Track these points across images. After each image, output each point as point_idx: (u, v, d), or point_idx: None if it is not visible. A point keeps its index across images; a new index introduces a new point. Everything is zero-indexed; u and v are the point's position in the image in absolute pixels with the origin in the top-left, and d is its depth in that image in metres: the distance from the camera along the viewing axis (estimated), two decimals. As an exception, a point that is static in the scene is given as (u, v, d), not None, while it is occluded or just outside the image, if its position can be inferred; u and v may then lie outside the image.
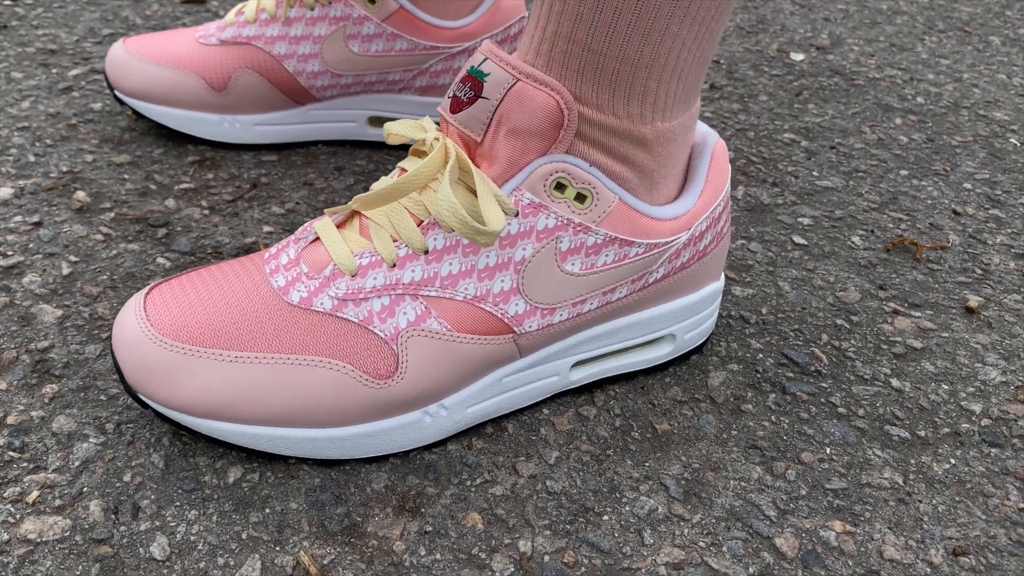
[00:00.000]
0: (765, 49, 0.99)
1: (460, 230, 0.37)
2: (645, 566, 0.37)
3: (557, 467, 0.41)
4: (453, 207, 0.36)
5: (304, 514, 0.38)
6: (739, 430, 0.45)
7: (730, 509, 0.40)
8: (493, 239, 0.37)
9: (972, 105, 0.89)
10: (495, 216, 0.37)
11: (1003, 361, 0.52)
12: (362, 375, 0.38)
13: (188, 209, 0.59)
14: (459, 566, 0.36)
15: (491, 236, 0.36)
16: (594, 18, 0.37)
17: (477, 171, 0.38)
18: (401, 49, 0.64)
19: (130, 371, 0.38)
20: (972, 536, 0.40)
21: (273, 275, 0.40)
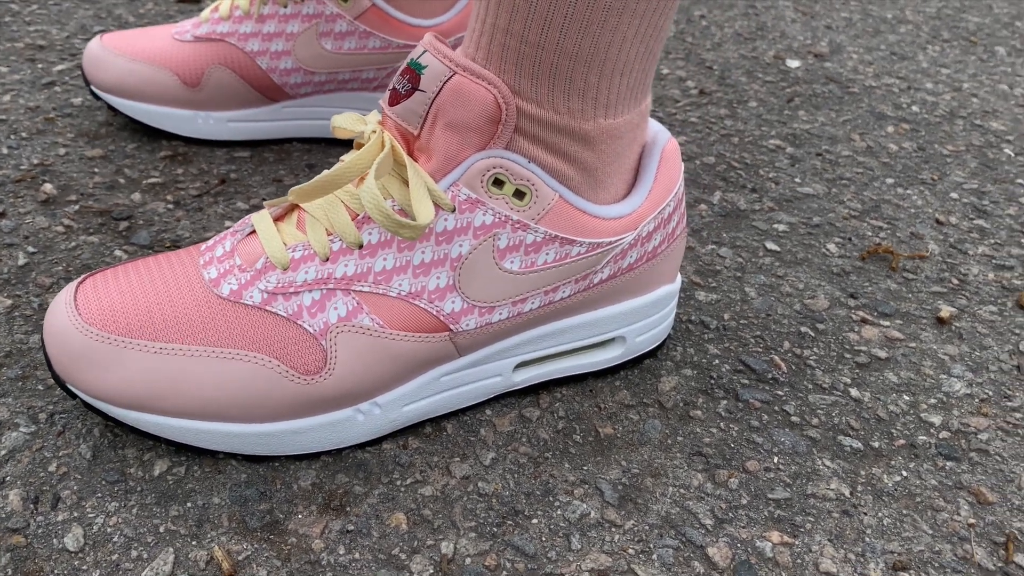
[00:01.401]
0: (761, 56, 0.98)
1: (383, 223, 0.36)
2: (569, 571, 0.36)
3: (492, 469, 0.41)
4: (375, 199, 0.36)
5: (226, 509, 0.37)
6: (685, 436, 0.44)
7: (665, 516, 0.39)
8: (418, 233, 0.36)
9: (969, 115, 0.87)
10: (425, 210, 0.36)
11: (970, 373, 0.50)
12: (288, 370, 0.38)
13: (153, 203, 0.59)
14: (377, 566, 0.35)
15: (415, 230, 0.36)
16: (530, 10, 0.36)
17: (412, 164, 0.38)
18: (374, 47, 0.64)
19: (57, 360, 0.38)
20: (915, 551, 0.39)
21: (206, 267, 0.40)
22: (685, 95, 0.86)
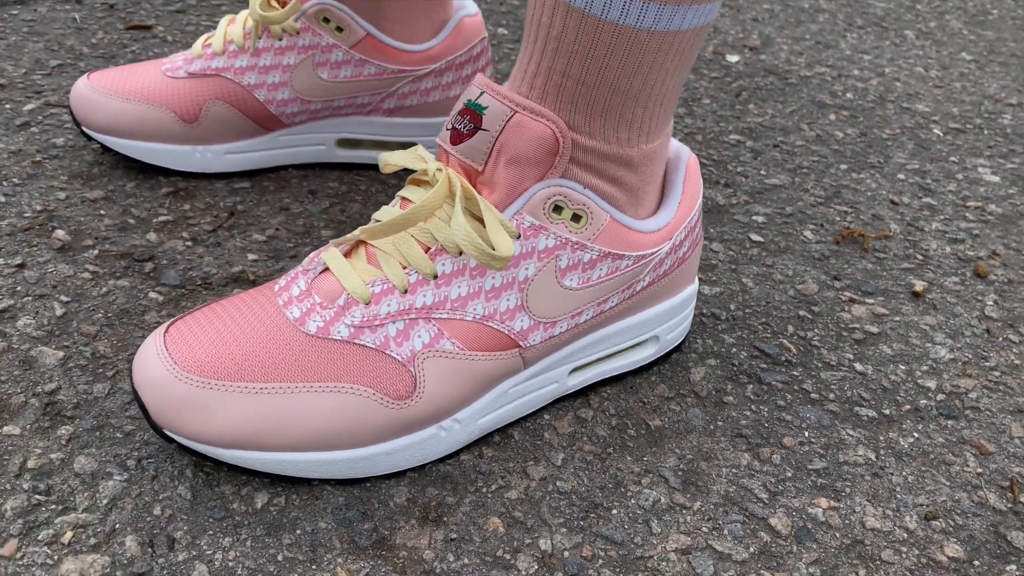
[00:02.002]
0: (702, 52, 1.04)
1: (477, 256, 0.39)
2: (656, 554, 0.40)
3: (564, 468, 0.44)
4: (469, 236, 0.39)
5: (334, 532, 0.40)
6: (724, 420, 0.48)
7: (725, 495, 0.44)
8: (505, 263, 0.39)
9: (896, 99, 0.95)
10: (505, 242, 0.39)
11: (949, 340, 0.57)
12: (383, 397, 0.41)
13: (171, 241, 0.60)
14: (487, 568, 0.39)
15: (503, 260, 0.39)
16: (588, 55, 0.40)
17: (483, 200, 0.41)
18: (370, 74, 0.66)
19: (156, 409, 0.40)
20: (939, 502, 0.44)
21: (287, 307, 0.42)
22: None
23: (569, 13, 0.39)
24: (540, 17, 0.41)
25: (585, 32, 0.39)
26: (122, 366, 0.49)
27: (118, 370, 0.48)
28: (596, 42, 0.39)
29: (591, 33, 0.39)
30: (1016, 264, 0.66)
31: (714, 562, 0.40)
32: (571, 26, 0.39)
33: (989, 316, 0.60)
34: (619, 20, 0.39)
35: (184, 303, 0.54)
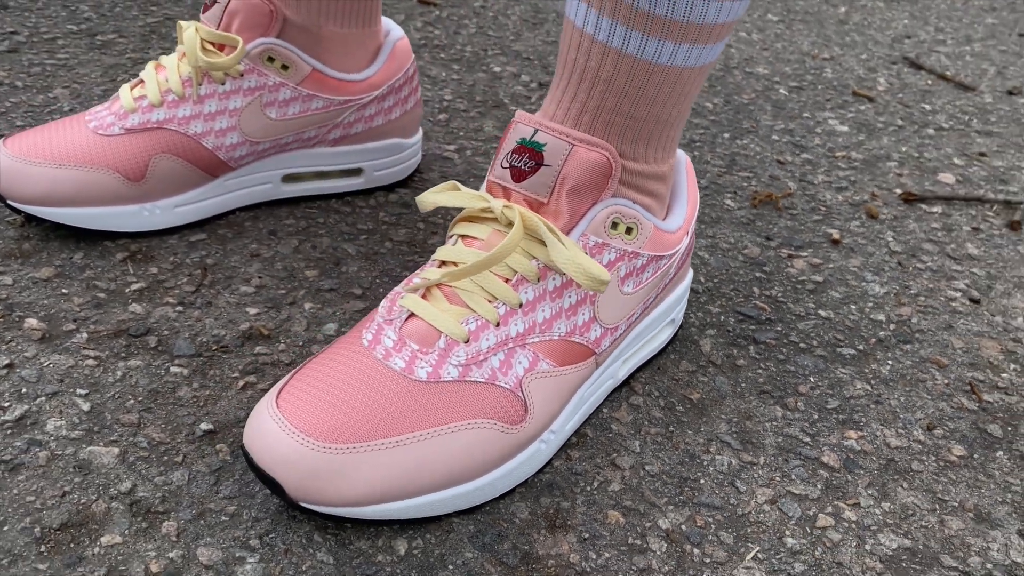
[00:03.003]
0: (557, 36, 1.10)
1: (587, 283, 0.43)
2: (752, 509, 0.46)
3: (643, 453, 0.49)
4: (580, 266, 0.42)
5: (482, 559, 0.43)
6: (745, 382, 0.55)
7: (778, 446, 0.51)
8: (607, 285, 0.43)
9: (739, 65, 1.07)
10: (598, 267, 0.43)
11: (876, 276, 0.68)
12: (502, 425, 0.43)
13: (158, 310, 0.57)
14: (627, 556, 0.43)
15: (607, 283, 0.43)
16: (638, 94, 0.44)
17: (564, 237, 0.44)
18: (317, 108, 0.66)
19: (295, 484, 0.40)
20: (930, 413, 0.54)
21: (388, 359, 0.43)
22: (528, 89, 0.95)
23: (621, 59, 0.43)
24: (587, 62, 0.44)
25: (636, 74, 0.44)
26: (186, 449, 0.47)
27: (185, 454, 0.47)
28: (646, 83, 0.44)
29: (642, 75, 0.44)
30: (892, 201, 0.79)
31: (797, 504, 0.47)
32: (623, 69, 0.44)
33: (895, 251, 0.71)
34: (668, 63, 0.43)
35: (211, 371, 0.53)
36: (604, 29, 0.43)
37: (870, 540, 0.45)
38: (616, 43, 0.43)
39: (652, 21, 0.42)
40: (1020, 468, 0.51)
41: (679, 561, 0.43)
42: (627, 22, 0.43)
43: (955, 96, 1.04)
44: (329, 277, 0.62)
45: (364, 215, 0.70)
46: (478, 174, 0.77)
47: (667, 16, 0.42)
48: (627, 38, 0.43)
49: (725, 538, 0.45)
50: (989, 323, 0.63)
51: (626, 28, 0.43)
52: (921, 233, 0.74)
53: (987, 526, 0.47)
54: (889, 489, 0.48)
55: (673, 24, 0.42)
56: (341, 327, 0.57)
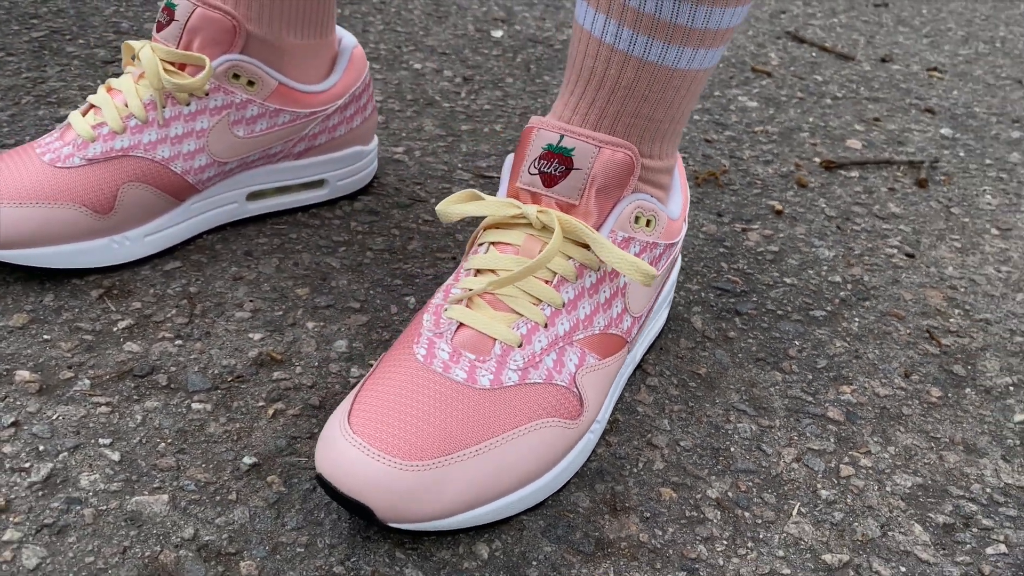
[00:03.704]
0: (470, 32, 1.11)
1: (641, 279, 0.45)
2: (782, 469, 0.51)
3: (674, 430, 0.53)
4: (633, 264, 0.44)
5: (562, 551, 0.44)
6: (741, 352, 0.60)
7: (787, 407, 0.55)
8: (655, 278, 0.45)
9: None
10: (645, 263, 0.45)
11: (822, 241, 0.74)
12: (566, 422, 0.45)
13: (156, 346, 0.55)
14: (690, 527, 0.46)
15: (655, 276, 0.45)
16: (658, 98, 0.46)
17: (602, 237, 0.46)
18: (284, 122, 0.64)
19: (386, 507, 0.40)
20: (903, 360, 0.60)
21: (448, 372, 0.44)
22: (455, 85, 0.96)
23: (643, 66, 0.46)
24: (607, 70, 0.46)
25: (657, 80, 0.46)
26: (236, 486, 0.46)
27: (236, 491, 0.46)
28: (666, 87, 0.46)
29: (663, 80, 0.46)
30: (815, 170, 0.85)
31: (818, 459, 0.52)
32: (644, 76, 0.46)
33: (831, 216, 0.78)
34: (686, 67, 0.46)
35: (235, 403, 0.51)
36: (625, 39, 0.45)
37: (888, 482, 0.50)
38: (638, 52, 0.45)
39: (673, 30, 0.45)
40: (988, 401, 0.57)
41: (735, 526, 0.47)
42: (649, 32, 0.45)
43: (839, 66, 1.13)
44: (321, 293, 0.61)
45: (335, 226, 0.69)
46: (433, 175, 0.77)
47: (688, 24, 0.45)
48: (648, 47, 0.45)
49: (768, 499, 0.48)
50: (927, 274, 0.70)
51: (647, 38, 0.45)
52: (848, 197, 0.81)
53: (976, 456, 0.53)
54: (890, 434, 0.54)
55: (692, 32, 0.45)
56: (352, 343, 0.57)
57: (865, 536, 0.47)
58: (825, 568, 0.45)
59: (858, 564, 0.45)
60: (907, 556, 0.46)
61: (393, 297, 0.62)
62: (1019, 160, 0.91)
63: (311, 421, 0.51)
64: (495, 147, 0.83)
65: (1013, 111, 1.04)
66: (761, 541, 0.46)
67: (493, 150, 0.83)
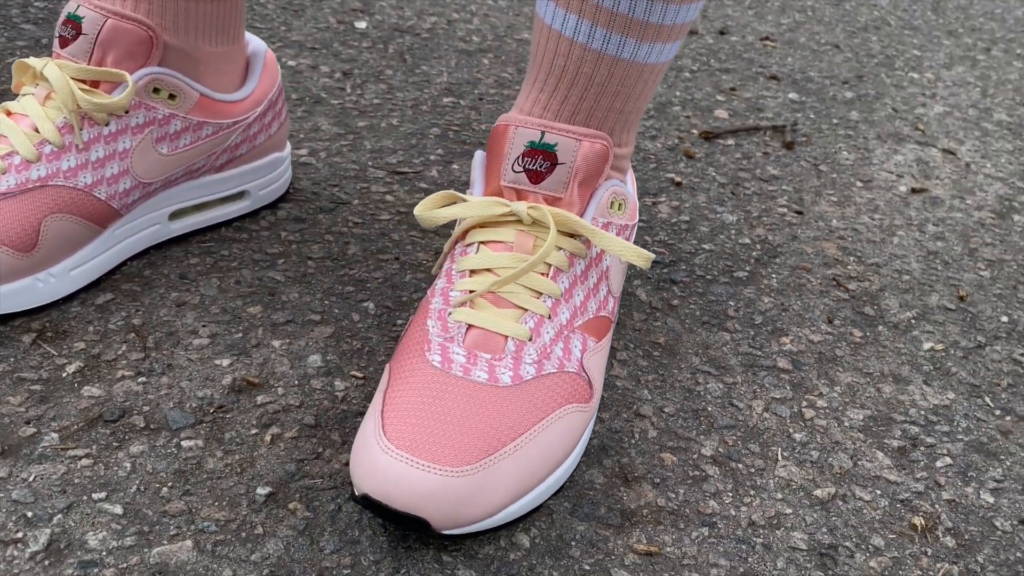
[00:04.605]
0: (330, 25, 1.08)
1: (643, 263, 0.47)
2: (755, 420, 0.55)
3: (654, 398, 0.56)
4: (636, 251, 0.47)
5: (593, 528, 0.46)
6: (687, 318, 0.64)
7: (742, 363, 0.60)
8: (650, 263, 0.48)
9: (506, 32, 1.13)
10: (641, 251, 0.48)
11: (722, 207, 0.80)
12: (580, 405, 0.47)
13: (118, 386, 0.51)
14: (696, 485, 0.50)
15: (650, 260, 0.48)
16: (629, 92, 0.49)
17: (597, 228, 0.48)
18: (208, 135, 0.61)
19: (441, 515, 0.40)
20: (823, 307, 0.67)
21: (468, 374, 0.45)
22: (336, 80, 0.94)
23: (615, 63, 0.48)
24: (580, 68, 0.48)
25: (629, 76, 0.48)
26: (258, 519, 0.44)
27: (261, 524, 0.44)
28: (636, 81, 0.49)
29: (634, 76, 0.48)
30: (696, 141, 0.91)
31: (782, 406, 0.57)
32: (617, 73, 0.48)
33: (723, 183, 0.84)
34: (655, 61, 0.49)
35: (226, 434, 0.49)
36: (599, 38, 0.47)
37: (844, 419, 0.56)
38: (611, 50, 0.48)
39: (644, 27, 0.47)
40: (898, 335, 0.65)
41: (734, 477, 0.51)
42: (622, 30, 0.47)
43: (687, 40, 1.21)
44: (275, 309, 0.59)
45: (266, 238, 0.66)
46: (346, 175, 0.76)
47: (658, 22, 0.47)
48: (621, 44, 0.47)
49: (753, 448, 0.53)
50: (817, 228, 0.78)
51: (621, 36, 0.47)
52: (731, 164, 0.88)
53: (904, 384, 0.60)
54: (832, 375, 0.60)
55: (661, 28, 0.48)
56: (325, 356, 0.56)
57: (842, 468, 0.52)
58: (819, 503, 0.50)
59: (844, 494, 0.51)
60: (879, 480, 0.52)
61: (350, 305, 0.61)
62: (858, 117, 1.03)
63: (312, 441, 0.50)
64: (398, 142, 0.83)
65: (840, 73, 1.15)
66: (760, 488, 0.50)
67: (397, 145, 0.82)
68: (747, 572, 0.45)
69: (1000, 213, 0.85)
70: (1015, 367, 0.63)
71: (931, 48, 1.30)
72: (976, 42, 1.34)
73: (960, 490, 0.52)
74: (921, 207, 0.84)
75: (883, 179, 0.88)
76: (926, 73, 1.19)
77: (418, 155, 0.81)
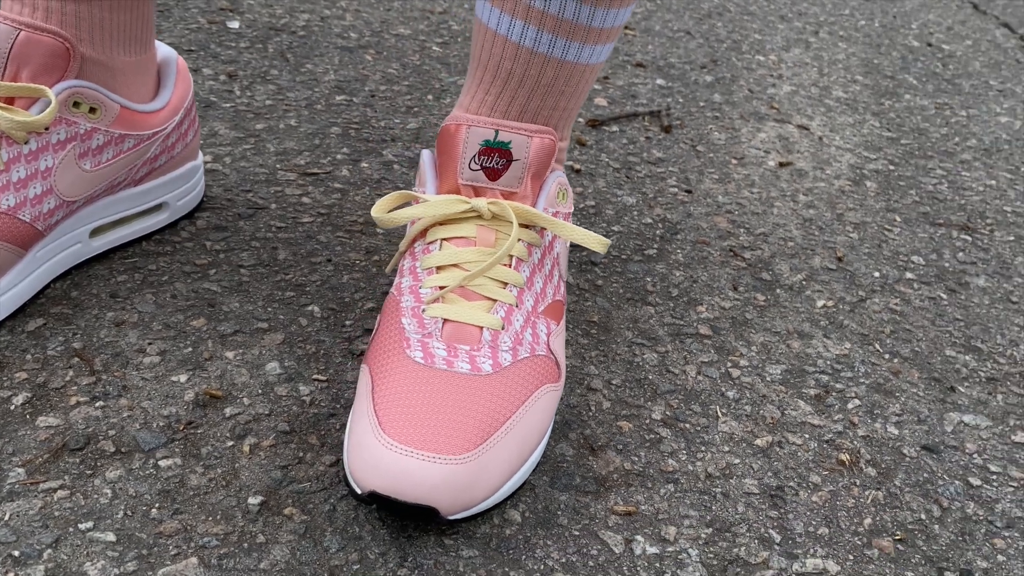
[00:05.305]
0: (202, 25, 1.04)
1: (601, 248, 0.50)
2: (692, 383, 0.61)
3: (601, 371, 0.60)
4: (596, 238, 0.50)
5: (574, 496, 0.50)
6: (614, 295, 0.68)
7: (668, 332, 0.65)
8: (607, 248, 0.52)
9: (383, 28, 1.14)
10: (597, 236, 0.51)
11: (621, 190, 0.85)
12: (553, 385, 0.50)
13: (75, 413, 0.49)
14: (653, 446, 0.54)
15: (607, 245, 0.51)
16: (573, 91, 0.52)
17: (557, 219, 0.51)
18: (129, 148, 0.59)
19: (449, 502, 0.42)
20: (727, 277, 0.74)
21: (451, 366, 0.47)
22: (222, 83, 0.92)
23: (560, 65, 0.51)
24: (527, 70, 0.51)
25: (573, 77, 0.52)
26: (257, 528, 0.45)
27: (261, 532, 0.45)
28: (580, 81, 0.52)
29: (577, 76, 0.52)
30: (585, 129, 0.96)
31: (712, 368, 0.62)
32: (562, 74, 0.51)
33: (616, 167, 0.89)
34: (596, 62, 0.52)
35: (202, 449, 0.49)
36: (545, 42, 0.51)
37: (765, 374, 0.63)
38: (557, 53, 0.51)
39: (588, 32, 0.51)
40: (794, 296, 0.73)
41: (685, 436, 0.56)
42: (566, 35, 0.50)
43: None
44: (219, 321, 0.58)
45: (191, 249, 0.65)
46: (257, 179, 0.75)
47: (600, 26, 0.51)
48: (566, 47, 0.51)
49: (696, 409, 0.58)
50: (707, 205, 0.85)
51: (566, 40, 0.51)
52: (620, 150, 0.93)
53: (807, 339, 0.68)
54: (747, 337, 0.67)
55: (602, 31, 0.51)
56: (283, 363, 0.56)
57: (773, 419, 0.59)
58: (760, 451, 0.56)
59: (779, 441, 0.57)
60: (805, 425, 0.59)
61: (294, 310, 0.61)
62: (721, 100, 1.11)
63: (290, 447, 0.50)
64: (301, 143, 0.82)
65: (697, 59, 1.24)
66: (709, 443, 0.56)
67: (301, 146, 0.82)
68: (714, 519, 0.50)
69: (855, 180, 0.95)
70: (893, 316, 0.72)
71: (769, 32, 1.41)
72: (805, 26, 1.47)
73: (871, 426, 0.59)
74: (790, 180, 0.93)
75: (753, 156, 0.97)
76: (770, 56, 1.30)
77: (324, 155, 0.81)
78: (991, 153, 1.07)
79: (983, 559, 0.50)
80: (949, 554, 0.50)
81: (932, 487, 0.55)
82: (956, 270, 0.80)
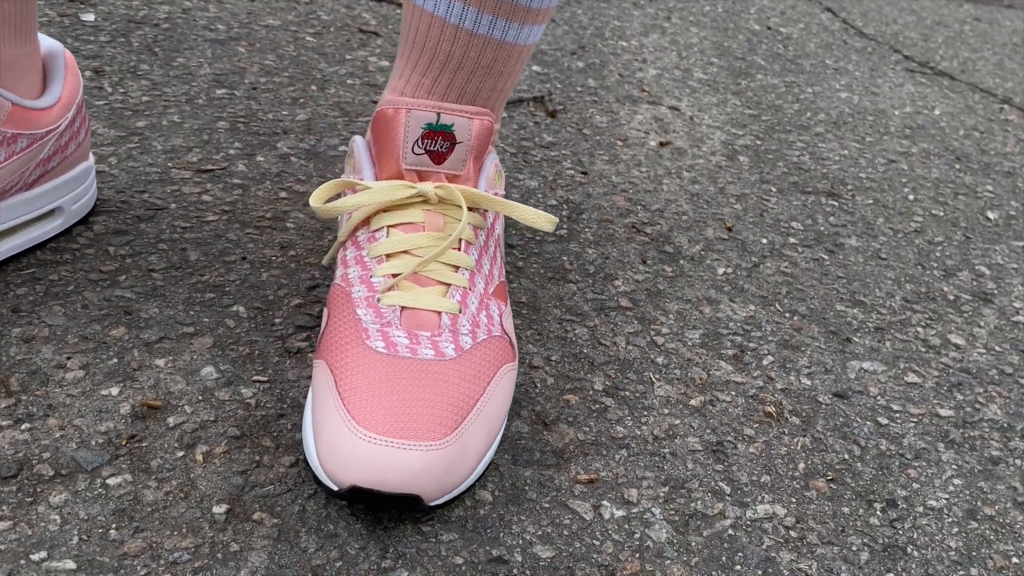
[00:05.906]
0: (52, 18, 0.97)
1: (549, 227, 0.51)
2: (623, 353, 0.63)
3: (539, 351, 0.61)
4: (545, 216, 0.50)
5: (538, 471, 0.51)
6: (535, 276, 0.70)
7: (593, 307, 0.67)
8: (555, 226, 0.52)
9: (307, 20, 1.10)
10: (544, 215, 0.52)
11: (523, 175, 0.86)
12: (512, 365, 0.51)
13: (1, 437, 0.45)
14: (601, 416, 0.56)
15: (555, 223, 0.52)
16: (510, 72, 0.53)
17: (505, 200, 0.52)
18: (22, 148, 0.54)
19: (433, 488, 0.42)
20: (635, 252, 0.76)
21: (415, 353, 0.46)
22: (90, 80, 0.85)
23: (500, 47, 0.51)
24: (466, 52, 0.51)
25: (511, 57, 0.52)
26: (227, 537, 0.43)
27: (233, 540, 0.43)
28: (516, 62, 0.53)
29: (515, 57, 0.52)
30: (473, 115, 0.97)
31: (638, 338, 0.65)
32: (501, 56, 0.51)
33: (512, 153, 0.90)
34: (528, 42, 0.53)
35: (152, 462, 0.46)
36: (485, 24, 0.51)
37: (687, 340, 0.66)
38: (497, 34, 0.51)
39: (527, 12, 0.51)
40: (696, 265, 0.77)
41: (627, 403, 0.58)
42: (507, 16, 0.51)
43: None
44: (141, 328, 0.55)
45: (92, 256, 0.60)
46: (149, 179, 0.71)
47: (539, 6, 0.52)
48: (505, 29, 0.51)
49: (632, 376, 0.61)
50: (604, 185, 0.88)
51: (506, 21, 0.51)
52: (513, 136, 0.94)
53: (716, 304, 0.72)
54: (664, 306, 0.70)
55: (540, 12, 0.52)
56: (218, 366, 0.53)
57: (702, 379, 0.62)
58: (696, 410, 0.59)
59: (711, 400, 0.60)
60: (730, 383, 0.62)
61: (218, 312, 0.58)
62: (595, 84, 1.15)
63: (245, 451, 0.48)
64: (189, 139, 0.78)
65: (566, 45, 1.27)
66: (650, 407, 0.58)
67: (189, 142, 0.78)
68: (668, 478, 0.53)
69: (729, 156, 1.01)
70: (786, 278, 0.78)
71: (626, 19, 1.47)
72: (658, 12, 1.54)
73: (786, 380, 0.64)
74: (672, 158, 0.97)
75: (636, 137, 1.01)
76: (631, 41, 1.36)
77: (216, 151, 0.78)
78: (839, 126, 1.16)
79: (902, 488, 0.55)
80: (874, 487, 0.55)
81: (849, 429, 0.60)
82: (831, 233, 0.87)
